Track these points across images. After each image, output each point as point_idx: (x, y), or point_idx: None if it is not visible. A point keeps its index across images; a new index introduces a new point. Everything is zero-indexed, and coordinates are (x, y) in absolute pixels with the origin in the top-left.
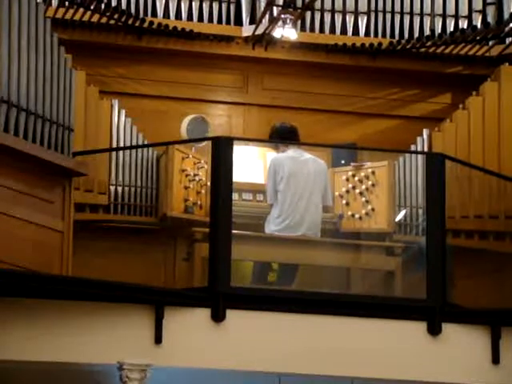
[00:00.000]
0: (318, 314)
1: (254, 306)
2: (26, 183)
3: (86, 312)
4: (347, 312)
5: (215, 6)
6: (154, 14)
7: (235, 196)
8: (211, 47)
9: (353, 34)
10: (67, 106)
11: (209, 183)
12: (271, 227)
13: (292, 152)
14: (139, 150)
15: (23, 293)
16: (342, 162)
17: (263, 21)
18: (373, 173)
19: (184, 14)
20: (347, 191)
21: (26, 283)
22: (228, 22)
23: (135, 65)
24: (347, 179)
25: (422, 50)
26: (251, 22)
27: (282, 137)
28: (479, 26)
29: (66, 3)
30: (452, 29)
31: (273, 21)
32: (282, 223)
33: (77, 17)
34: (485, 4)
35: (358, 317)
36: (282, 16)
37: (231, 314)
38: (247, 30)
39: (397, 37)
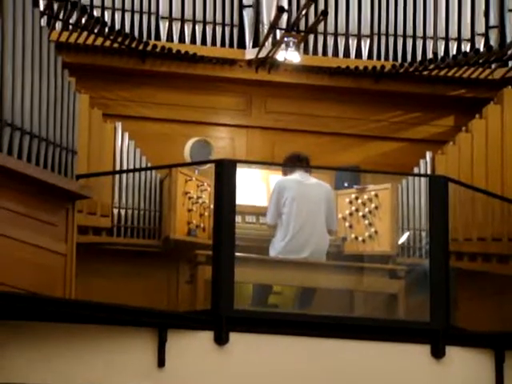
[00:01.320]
0: (322, 337)
1: (258, 328)
2: (30, 206)
3: (89, 335)
4: (351, 335)
5: (218, 29)
6: (158, 37)
7: (238, 219)
8: (214, 70)
9: (356, 57)
10: (71, 128)
11: (212, 206)
12: (275, 250)
13: (298, 176)
14: (142, 172)
15: (26, 316)
16: (345, 184)
17: (266, 44)
18: (376, 195)
19: (187, 38)
20: (350, 214)
21: (28, 306)
22: (231, 45)
23: (138, 88)
24: (350, 202)
25: (425, 72)
26: (254, 45)
27: (297, 162)
28: (482, 49)
29: (70, 27)
30: (455, 52)
31: (276, 44)
32: (286, 246)
33: (80, 40)
34: (487, 27)
35: (362, 340)
36: (285, 39)
37: (234, 337)
38: (250, 53)
39: (399, 60)
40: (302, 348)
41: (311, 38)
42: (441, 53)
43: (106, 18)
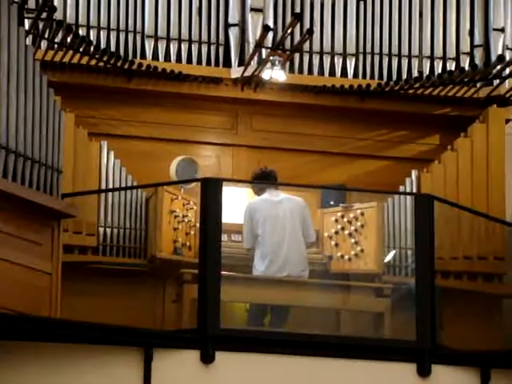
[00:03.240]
0: (308, 356)
1: (244, 347)
2: (15, 225)
3: (74, 354)
4: (337, 353)
5: (204, 47)
6: (143, 55)
7: (224, 237)
8: (200, 89)
9: (341, 76)
10: (56, 147)
11: (198, 224)
12: (257, 272)
13: (267, 195)
14: (128, 191)
15: (10, 335)
16: (331, 202)
17: (252, 62)
18: (362, 214)
19: (173, 56)
20: (336, 232)
21: (13, 325)
22: (217, 64)
23: (124, 106)
24: (336, 220)
25: (411, 91)
26: (240, 64)
27: (269, 179)
28: (467, 67)
29: (55, 46)
30: (440, 71)
31: (262, 63)
32: (267, 266)
33: (66, 59)
34: (472, 46)
35: (348, 358)
36: (271, 58)
37: (220, 356)
38: (236, 72)
39: (385, 78)
40: (289, 367)
41: (297, 56)
42: (426, 71)
43: (92, 37)
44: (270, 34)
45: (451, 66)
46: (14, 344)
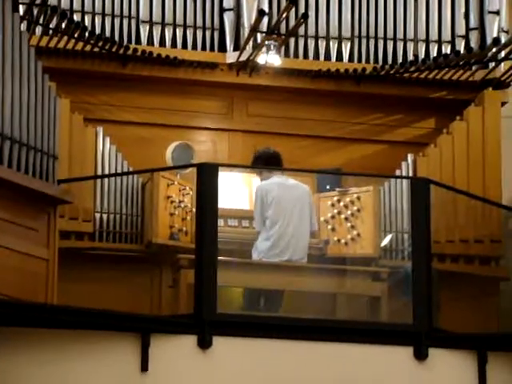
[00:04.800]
0: (304, 340)
1: (241, 332)
2: (11, 211)
3: (71, 340)
4: (333, 338)
5: (199, 32)
6: (138, 41)
7: (220, 222)
8: (195, 74)
9: (336, 60)
10: (52, 133)
11: (194, 210)
12: (259, 253)
13: (277, 178)
14: (124, 177)
15: (7, 321)
16: (327, 187)
17: (247, 47)
18: (358, 198)
19: (168, 41)
20: (332, 216)
21: (10, 311)
22: (212, 49)
23: (119, 92)
24: (332, 204)
25: (406, 75)
26: (235, 49)
27: (266, 163)
28: (462, 51)
29: (50, 31)
30: (435, 54)
31: (257, 47)
32: (269, 249)
33: (61, 45)
34: (468, 29)
35: (344, 342)
36: (266, 42)
37: (217, 341)
38: (231, 57)
39: (380, 62)
40: (286, 351)
41: (292, 41)
42: (421, 55)
43: (86, 23)
44: (265, 19)
45: (446, 49)
46: (10, 330)
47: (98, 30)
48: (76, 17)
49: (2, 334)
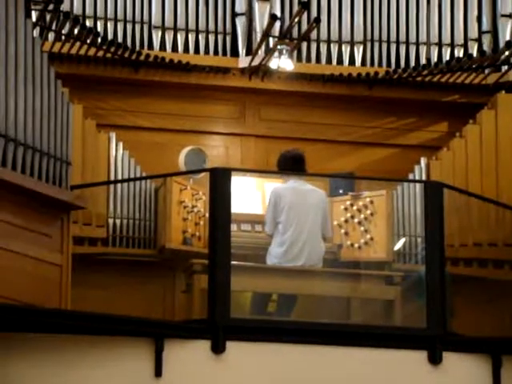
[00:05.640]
0: (318, 345)
1: (254, 337)
2: (24, 217)
3: (85, 346)
4: (347, 342)
5: (211, 37)
6: (151, 46)
7: (234, 227)
8: (208, 79)
9: (349, 64)
10: (65, 139)
11: (207, 214)
12: (272, 259)
13: (293, 182)
14: (137, 182)
15: (21, 327)
16: (340, 191)
17: (259, 52)
18: (371, 202)
19: (180, 47)
20: (346, 221)
21: (24, 317)
22: (224, 54)
23: (132, 97)
24: (345, 209)
25: (419, 78)
26: (247, 54)
27: (292, 164)
28: (475, 54)
29: (63, 37)
30: (448, 57)
31: (269, 52)
32: (283, 255)
33: (73, 51)
34: (480, 32)
35: (358, 347)
36: (279, 47)
37: (231, 346)
38: (244, 62)
39: (393, 66)
40: (300, 356)
41: (304, 45)
42: (434, 58)
43: (99, 28)
44: (278, 23)
45: (459, 52)
46: (23, 336)
47: (110, 36)
48: (88, 22)
49: (15, 340)
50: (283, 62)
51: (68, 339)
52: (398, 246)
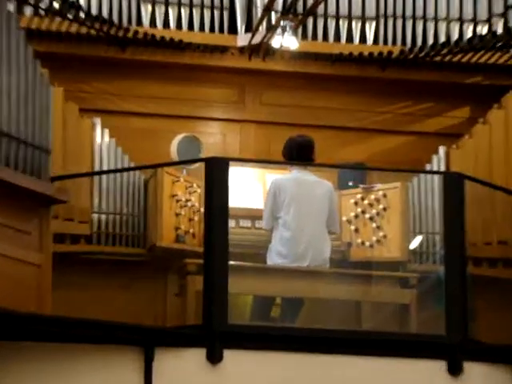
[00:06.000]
0: (326, 354)
1: (254, 345)
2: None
3: (67, 355)
4: (358, 351)
5: (207, 13)
6: (140, 22)
7: (232, 223)
8: (203, 59)
9: (360, 42)
10: (44, 125)
11: (202, 209)
12: (274, 258)
13: (296, 173)
14: (124, 173)
15: None
16: (350, 183)
17: (260, 29)
18: (384, 195)
19: (172, 23)
20: (356, 216)
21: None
22: (221, 31)
23: (119, 79)
24: (356, 203)
25: (437, 58)
26: (247, 31)
27: (298, 152)
28: (500, 31)
29: (42, 12)
30: (470, 35)
31: (271, 29)
32: (285, 254)
33: (53, 27)
34: (506, 7)
35: (370, 356)
36: (282, 23)
37: (229, 355)
38: (243, 40)
39: (409, 44)
40: (304, 366)
41: (310, 21)
42: (454, 36)
43: (82, 2)
44: None
45: (483, 29)
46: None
47: (94, 11)
48: None
49: None
50: (287, 40)
51: (48, 348)
52: (414, 244)
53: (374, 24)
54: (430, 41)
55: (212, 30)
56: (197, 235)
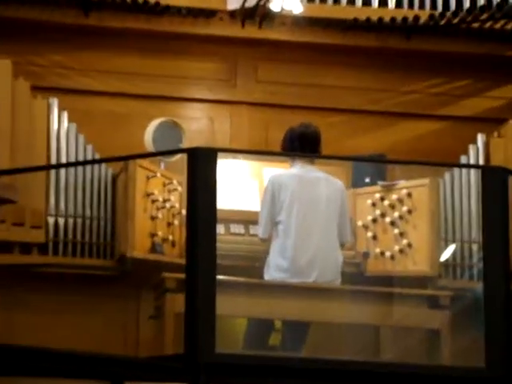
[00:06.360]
0: None
1: (248, 379)
2: None
3: None
4: None
5: None
6: None
7: (221, 229)
8: (185, 25)
9: (379, 6)
10: None
11: (184, 211)
12: (272, 273)
13: (299, 168)
14: (88, 167)
15: None
16: (367, 180)
17: None
18: (409, 195)
19: None
20: (374, 220)
21: None
22: None
23: (80, 51)
24: (373, 204)
25: (475, 25)
26: None
27: (301, 144)
28: None
29: None
30: None
31: None
32: (286, 267)
33: None
34: None
35: None
36: None
37: None
38: (234, 2)
39: (439, 9)
40: None
41: None
42: None
43: None
44: None
45: None
46: None
47: None
48: None
49: None
50: (288, 3)
51: None
52: (446, 255)
53: None
54: (467, 4)
55: None
56: (177, 243)
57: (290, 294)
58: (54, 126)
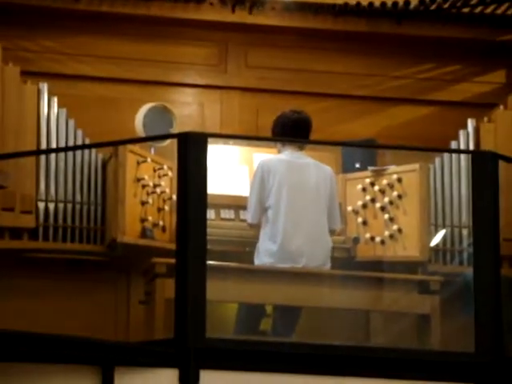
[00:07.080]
0: (327, 375)
1: (238, 364)
2: None
3: (7, 376)
4: (366, 371)
5: None
6: None
7: (211, 214)
8: (175, 10)
9: None
10: None
11: (174, 197)
12: (262, 258)
13: (288, 154)
14: (78, 152)
15: None
16: (357, 165)
17: None
18: (399, 180)
19: None
20: (364, 205)
21: None
22: None
23: (71, 35)
24: (364, 189)
25: (466, 10)
26: None
27: (291, 130)
28: None
29: None
30: None
31: None
32: (276, 251)
33: None
34: None
35: (382, 377)
36: None
37: (206, 377)
38: None
39: None
40: None
41: None
42: None
43: None
44: None
45: None
46: None
47: None
48: None
49: None
50: None
51: None
52: (436, 240)
53: None
54: None
55: None
56: (167, 229)
57: (281, 279)
58: (44, 111)
